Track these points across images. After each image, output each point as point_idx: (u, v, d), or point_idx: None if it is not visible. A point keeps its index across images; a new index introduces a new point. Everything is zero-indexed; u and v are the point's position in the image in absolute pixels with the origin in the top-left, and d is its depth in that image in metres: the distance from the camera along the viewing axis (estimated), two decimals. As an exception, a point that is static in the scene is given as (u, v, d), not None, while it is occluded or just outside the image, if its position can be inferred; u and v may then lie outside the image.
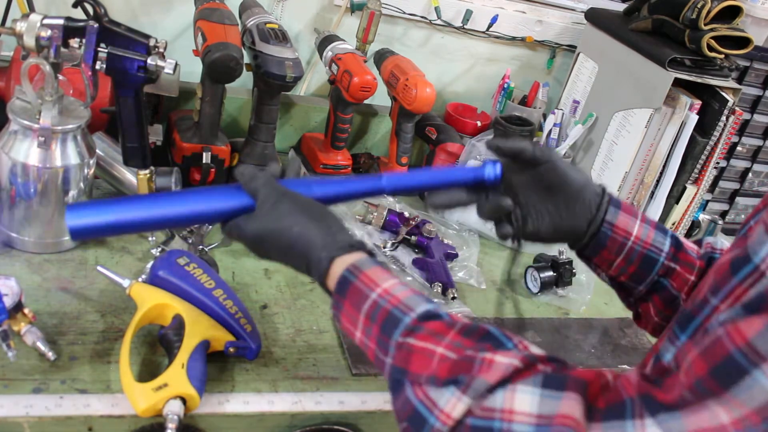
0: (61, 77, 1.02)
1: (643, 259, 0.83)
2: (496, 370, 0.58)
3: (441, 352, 0.62)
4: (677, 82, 1.42)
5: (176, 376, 0.88)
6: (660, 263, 0.83)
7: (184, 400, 0.87)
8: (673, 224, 1.54)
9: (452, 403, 0.59)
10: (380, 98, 1.54)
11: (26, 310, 0.92)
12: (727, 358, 0.48)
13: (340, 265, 0.71)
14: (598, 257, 0.84)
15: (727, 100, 1.44)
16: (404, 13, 1.64)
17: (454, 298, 1.23)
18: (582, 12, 1.74)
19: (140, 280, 1.04)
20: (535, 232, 0.85)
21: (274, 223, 0.75)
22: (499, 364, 0.59)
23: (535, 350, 0.62)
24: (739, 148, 1.65)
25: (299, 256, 0.74)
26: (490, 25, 1.70)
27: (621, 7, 1.71)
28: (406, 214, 1.40)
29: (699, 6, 1.40)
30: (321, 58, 1.49)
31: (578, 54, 1.68)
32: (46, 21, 0.97)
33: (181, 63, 1.14)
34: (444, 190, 0.84)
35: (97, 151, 1.15)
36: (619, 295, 0.90)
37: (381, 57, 1.55)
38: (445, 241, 1.36)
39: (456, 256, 1.35)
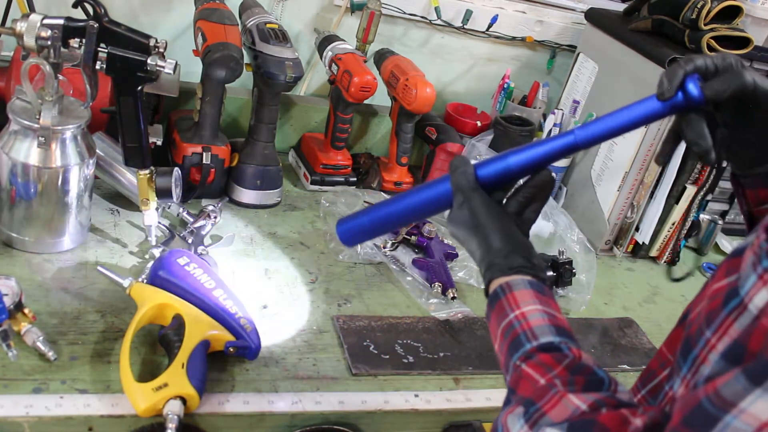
0: (61, 77, 1.02)
1: None
2: (564, 410, 0.60)
3: (543, 383, 0.63)
4: (677, 82, 1.42)
5: (176, 376, 0.88)
6: None
7: (184, 400, 0.87)
8: (673, 224, 1.54)
9: None
10: (380, 98, 1.54)
11: (26, 310, 0.92)
12: (697, 408, 0.49)
13: (497, 282, 0.74)
14: (754, 192, 0.79)
15: (727, 100, 1.44)
16: (404, 13, 1.64)
17: (454, 298, 1.23)
18: (582, 12, 1.74)
19: (140, 280, 1.04)
20: (724, 158, 0.78)
21: (461, 226, 0.78)
22: (569, 403, 0.60)
23: (622, 395, 0.62)
24: (739, 148, 1.65)
25: (478, 258, 0.77)
26: (490, 25, 1.70)
27: (621, 7, 1.71)
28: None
29: (699, 6, 1.40)
30: (321, 58, 1.49)
31: (578, 54, 1.68)
32: (46, 21, 0.97)
33: (181, 63, 1.14)
34: (639, 127, 0.76)
35: (97, 151, 1.15)
36: (746, 223, 0.84)
37: (381, 57, 1.55)
38: (445, 241, 1.36)
39: (456, 256, 1.35)
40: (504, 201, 0.78)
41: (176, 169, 1.24)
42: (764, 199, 0.78)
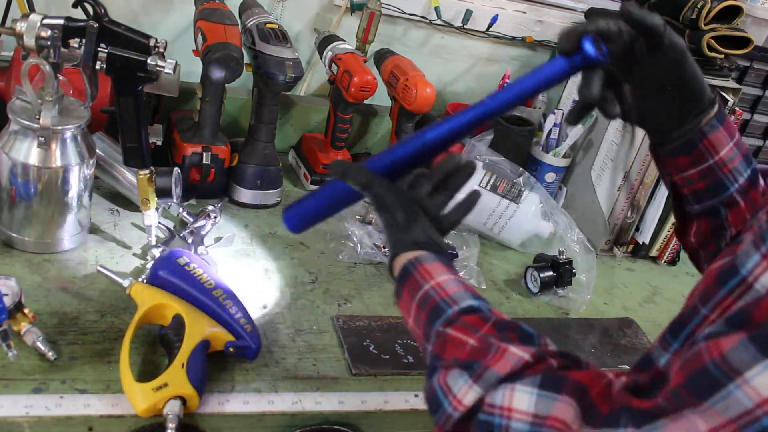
0: (61, 77, 1.02)
1: (716, 182, 0.79)
2: (506, 362, 0.60)
3: (472, 343, 0.64)
4: (677, 82, 1.42)
5: (176, 376, 0.88)
6: (729, 193, 0.79)
7: (184, 400, 0.87)
8: (673, 224, 1.54)
9: (464, 391, 0.61)
10: (380, 98, 1.54)
11: (26, 310, 0.92)
12: (702, 370, 0.49)
13: (404, 258, 0.76)
14: (672, 161, 0.80)
15: (727, 100, 1.44)
16: (404, 13, 1.64)
17: (454, 298, 1.23)
18: (582, 12, 1.74)
19: (140, 280, 1.04)
20: (626, 110, 0.80)
21: (377, 209, 0.80)
22: (511, 356, 0.61)
23: (552, 347, 0.64)
24: (739, 148, 1.65)
25: (386, 238, 0.80)
26: (490, 25, 1.70)
27: (621, 7, 1.71)
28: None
29: (699, 6, 1.40)
30: (321, 58, 1.49)
31: (578, 54, 1.68)
32: (46, 21, 0.97)
33: (181, 63, 1.14)
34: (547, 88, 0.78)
35: (97, 151, 1.15)
36: (672, 203, 0.87)
37: (381, 57, 1.55)
38: (445, 241, 1.36)
39: (456, 256, 1.35)
40: (416, 190, 0.81)
41: (176, 169, 1.24)
42: (683, 167, 0.80)
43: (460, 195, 0.83)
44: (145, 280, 1.04)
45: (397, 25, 1.68)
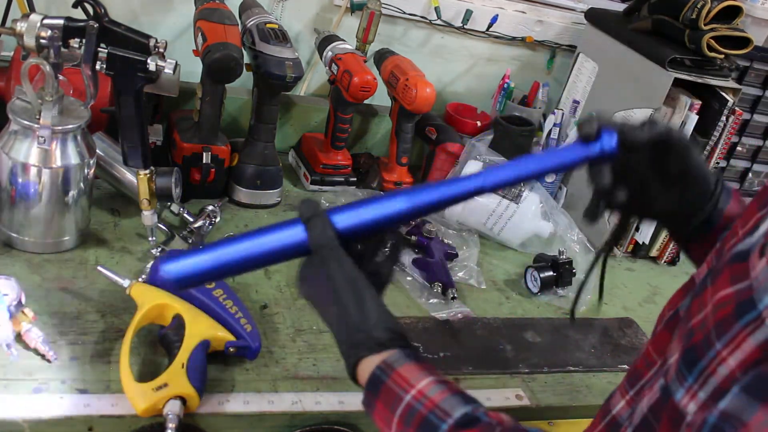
0: (61, 77, 1.02)
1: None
2: None
3: None
4: (677, 82, 1.42)
5: (176, 376, 0.88)
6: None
7: (184, 400, 0.87)
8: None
9: None
10: (380, 98, 1.54)
11: (26, 310, 0.92)
12: None
13: (370, 362, 0.67)
14: (698, 246, 0.81)
15: (727, 100, 1.44)
16: (404, 13, 1.64)
17: (454, 298, 1.23)
18: (582, 12, 1.74)
19: (140, 280, 1.04)
20: (642, 211, 0.82)
21: (315, 289, 0.70)
22: None
23: None
24: (739, 148, 1.65)
25: (336, 333, 0.70)
26: (490, 25, 1.70)
27: (621, 7, 1.71)
28: (406, 214, 1.40)
29: (699, 6, 1.40)
30: (321, 58, 1.49)
31: (578, 54, 1.68)
32: (46, 21, 0.97)
33: (181, 63, 1.14)
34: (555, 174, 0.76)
35: (97, 151, 1.15)
36: (670, 235, 0.88)
37: (381, 57, 1.55)
38: (445, 241, 1.36)
39: (456, 256, 1.35)
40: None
41: (176, 169, 1.24)
42: (710, 249, 0.78)
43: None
44: (145, 280, 1.04)
45: (397, 25, 1.68)
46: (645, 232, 1.54)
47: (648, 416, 0.61)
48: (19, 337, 0.91)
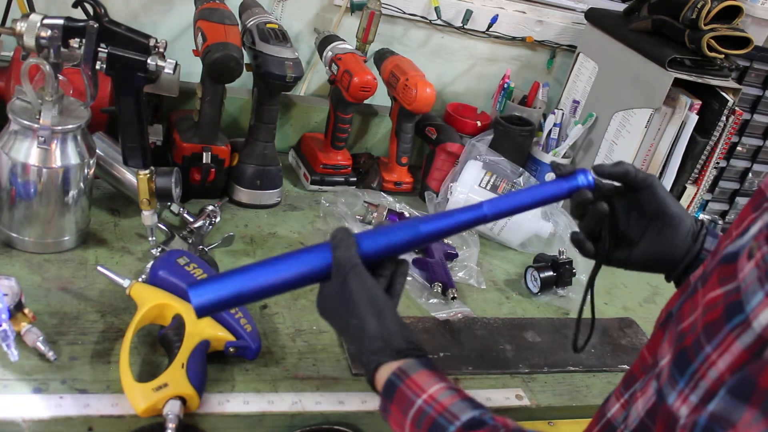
0: (61, 77, 1.02)
1: None
2: None
3: None
4: (677, 82, 1.42)
5: (176, 376, 0.88)
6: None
7: (184, 400, 0.87)
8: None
9: None
10: (380, 98, 1.54)
11: (26, 310, 0.92)
12: None
13: (387, 369, 0.72)
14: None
15: (727, 100, 1.44)
16: (404, 13, 1.64)
17: (454, 298, 1.23)
18: (582, 12, 1.74)
19: (140, 280, 1.04)
20: (626, 257, 0.86)
21: (336, 305, 0.76)
22: None
23: None
24: (739, 148, 1.65)
25: (354, 345, 0.76)
26: (490, 25, 1.70)
27: (621, 7, 1.71)
28: (406, 214, 1.40)
29: (699, 6, 1.40)
30: (321, 58, 1.49)
31: (578, 54, 1.68)
32: (46, 21, 0.97)
33: (181, 63, 1.14)
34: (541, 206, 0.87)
35: (97, 151, 1.15)
36: None
37: (381, 57, 1.55)
38: (445, 241, 1.36)
39: (456, 256, 1.35)
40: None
41: (176, 169, 1.24)
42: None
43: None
44: (145, 280, 1.04)
45: (397, 25, 1.68)
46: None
47: (645, 420, 0.61)
48: (19, 337, 0.91)
